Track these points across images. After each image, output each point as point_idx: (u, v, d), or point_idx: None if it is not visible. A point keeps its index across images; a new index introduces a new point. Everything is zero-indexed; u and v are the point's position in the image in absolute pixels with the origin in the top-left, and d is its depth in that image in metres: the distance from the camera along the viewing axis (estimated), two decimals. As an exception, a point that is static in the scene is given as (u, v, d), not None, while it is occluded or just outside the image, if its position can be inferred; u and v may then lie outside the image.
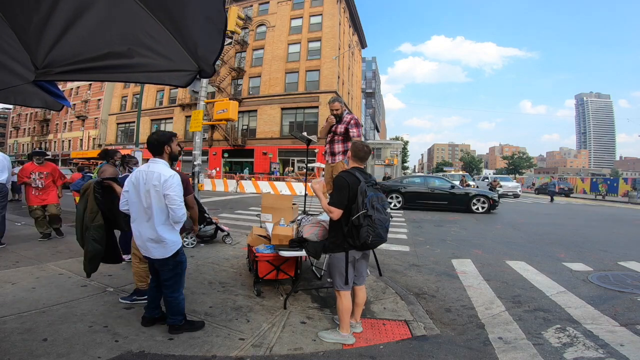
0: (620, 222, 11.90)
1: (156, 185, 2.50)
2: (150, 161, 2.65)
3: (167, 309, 2.77)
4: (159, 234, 2.54)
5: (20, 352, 2.36)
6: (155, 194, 2.51)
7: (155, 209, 2.53)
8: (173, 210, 2.50)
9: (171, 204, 2.48)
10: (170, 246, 2.60)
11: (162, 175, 2.50)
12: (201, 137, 10.24)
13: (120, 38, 1.58)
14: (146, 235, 2.58)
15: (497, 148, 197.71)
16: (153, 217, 2.54)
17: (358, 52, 43.44)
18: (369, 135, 62.90)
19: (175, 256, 2.65)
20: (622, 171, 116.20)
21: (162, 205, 2.52)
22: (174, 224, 2.58)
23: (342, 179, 2.69)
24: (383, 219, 2.61)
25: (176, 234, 2.66)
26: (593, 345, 2.84)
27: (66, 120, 48.63)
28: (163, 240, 2.56)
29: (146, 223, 2.57)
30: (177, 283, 2.72)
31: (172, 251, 2.61)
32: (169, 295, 2.71)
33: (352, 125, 4.08)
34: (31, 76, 1.79)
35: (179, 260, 2.69)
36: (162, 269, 2.67)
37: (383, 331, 3.05)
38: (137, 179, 2.60)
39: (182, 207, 2.52)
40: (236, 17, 10.54)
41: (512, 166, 74.98)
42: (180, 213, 2.51)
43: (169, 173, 2.54)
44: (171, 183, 2.49)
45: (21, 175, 6.05)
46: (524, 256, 6.06)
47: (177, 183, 2.53)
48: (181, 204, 2.52)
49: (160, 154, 2.66)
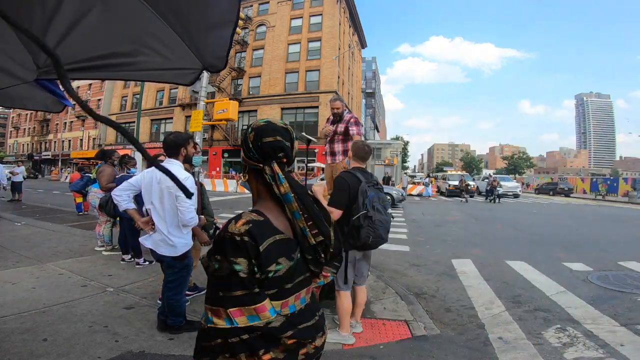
0: (620, 222, 11.90)
1: (170, 186, 2.50)
2: (166, 162, 2.64)
3: (169, 310, 2.77)
4: (169, 234, 2.56)
5: (20, 352, 2.36)
6: (169, 196, 2.53)
7: (167, 210, 2.55)
8: (182, 213, 2.51)
9: (181, 206, 2.50)
10: (179, 247, 2.61)
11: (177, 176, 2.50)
12: (201, 137, 10.23)
13: (124, 37, 1.58)
14: (156, 234, 2.59)
15: (497, 148, 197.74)
16: (165, 218, 2.56)
17: (358, 52, 43.45)
18: (369, 135, 62.89)
19: (183, 258, 2.65)
20: (622, 171, 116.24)
21: (175, 207, 2.54)
22: (182, 226, 2.59)
23: (343, 179, 2.68)
24: (384, 220, 2.60)
25: (185, 237, 2.66)
26: (593, 345, 2.84)
27: (66, 120, 48.62)
28: (171, 240, 2.57)
29: (158, 222, 2.59)
30: (180, 285, 2.72)
31: (180, 252, 2.62)
32: (171, 297, 2.71)
33: (352, 124, 4.06)
34: (32, 76, 1.79)
35: (186, 264, 2.70)
36: (168, 270, 2.68)
37: (383, 331, 3.05)
38: (151, 179, 2.62)
39: (191, 211, 2.54)
40: (236, 17, 10.54)
41: (512, 166, 75.02)
42: (188, 216, 2.52)
43: (184, 175, 2.55)
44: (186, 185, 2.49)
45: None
46: (524, 256, 6.06)
47: (191, 186, 2.54)
48: (190, 207, 2.54)
49: (175, 155, 2.66)
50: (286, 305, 0.99)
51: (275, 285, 0.95)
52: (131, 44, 1.61)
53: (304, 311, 1.04)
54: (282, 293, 0.97)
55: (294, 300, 1.01)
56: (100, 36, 1.56)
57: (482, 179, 29.15)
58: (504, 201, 21.25)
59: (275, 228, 0.97)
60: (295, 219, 0.99)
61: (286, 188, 0.98)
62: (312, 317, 1.05)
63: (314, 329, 1.04)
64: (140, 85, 24.39)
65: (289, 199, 0.98)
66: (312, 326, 1.04)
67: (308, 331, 1.01)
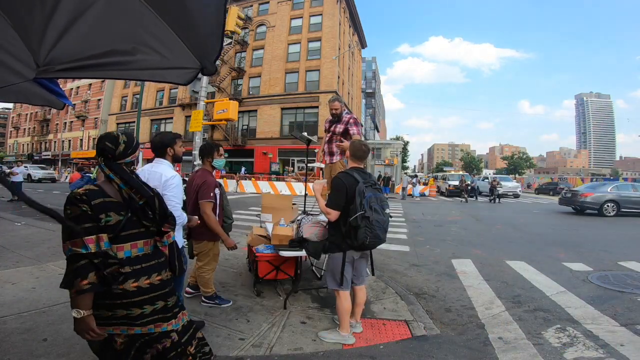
0: (620, 222, 11.89)
1: (157, 185, 2.50)
2: (154, 161, 2.65)
3: None
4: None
5: (20, 352, 2.37)
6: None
7: None
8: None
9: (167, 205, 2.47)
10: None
11: (164, 176, 2.51)
12: (201, 137, 10.22)
13: (122, 36, 1.58)
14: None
15: (497, 148, 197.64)
16: None
17: (358, 52, 43.44)
18: (369, 135, 62.89)
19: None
20: (622, 171, 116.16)
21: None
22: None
23: (339, 180, 2.67)
24: (381, 220, 2.58)
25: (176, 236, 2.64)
26: (593, 345, 2.84)
27: (66, 120, 48.61)
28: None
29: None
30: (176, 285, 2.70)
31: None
32: None
33: (352, 125, 4.04)
34: (32, 74, 1.79)
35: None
36: None
37: (383, 331, 3.05)
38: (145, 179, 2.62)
39: (177, 210, 2.49)
40: (236, 17, 10.54)
41: (512, 166, 75.00)
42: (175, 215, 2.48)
43: (171, 174, 2.54)
44: (171, 183, 2.49)
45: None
46: (524, 256, 6.06)
47: (176, 184, 2.52)
48: (177, 206, 2.49)
49: (163, 155, 2.66)
50: (121, 250, 1.53)
51: (110, 231, 1.49)
52: (129, 42, 1.61)
53: (140, 257, 1.59)
54: (117, 239, 1.51)
55: (130, 247, 1.56)
56: (98, 34, 1.56)
57: (482, 179, 29.14)
58: (504, 201, 21.25)
59: (106, 194, 1.53)
60: (121, 188, 1.55)
61: (107, 172, 1.56)
62: (148, 262, 1.61)
63: (150, 269, 1.61)
64: (140, 85, 24.39)
65: (112, 178, 1.56)
66: (149, 267, 1.61)
67: (143, 271, 1.58)
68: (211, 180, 3.24)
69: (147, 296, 1.59)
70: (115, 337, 1.57)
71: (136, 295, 1.55)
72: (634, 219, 12.82)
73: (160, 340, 1.66)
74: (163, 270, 1.69)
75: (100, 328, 1.49)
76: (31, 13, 1.39)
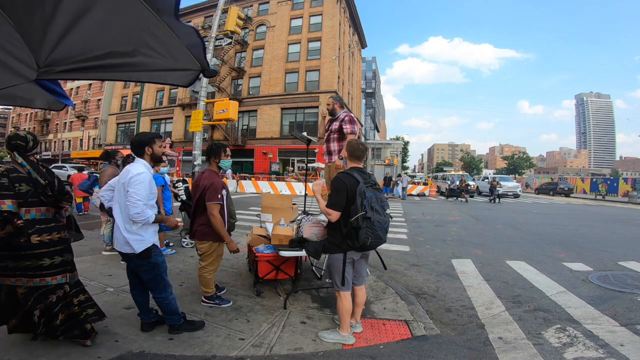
0: (620, 222, 11.90)
1: (124, 182, 2.52)
2: (135, 161, 2.67)
3: (160, 310, 2.77)
4: (125, 230, 2.54)
5: (20, 352, 2.37)
6: (123, 191, 2.53)
7: (122, 205, 2.55)
8: (127, 207, 2.48)
9: (127, 200, 2.48)
10: (134, 244, 2.53)
11: (131, 173, 2.51)
12: (201, 137, 10.23)
13: (123, 37, 1.58)
14: (117, 231, 2.59)
15: (497, 148, 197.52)
16: (122, 213, 2.55)
17: (358, 52, 43.43)
18: (369, 135, 62.87)
19: (146, 257, 2.57)
20: (622, 171, 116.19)
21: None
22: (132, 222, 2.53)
23: (340, 180, 2.66)
24: (382, 221, 2.58)
25: (142, 234, 2.56)
26: (593, 345, 2.84)
27: (66, 120, 48.61)
28: (126, 237, 2.53)
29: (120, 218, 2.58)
30: (160, 284, 2.66)
31: (137, 249, 2.53)
32: (155, 296, 2.70)
33: (346, 122, 3.99)
34: (33, 75, 1.79)
35: (154, 262, 2.61)
36: (138, 269, 2.64)
37: (383, 331, 3.05)
38: (119, 177, 2.67)
39: (137, 206, 2.44)
40: (236, 17, 10.54)
41: (512, 166, 74.98)
42: (133, 211, 2.45)
43: (137, 171, 2.51)
44: (135, 180, 2.47)
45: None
46: (524, 256, 6.06)
47: (140, 181, 2.48)
48: (137, 203, 2.45)
49: (141, 154, 2.66)
50: (28, 212, 2.29)
51: (21, 198, 2.24)
52: (130, 44, 1.61)
53: (42, 220, 2.36)
54: (25, 204, 2.27)
55: (35, 211, 2.33)
56: (99, 36, 1.56)
57: (482, 179, 29.14)
58: (504, 201, 21.25)
59: (19, 171, 2.28)
60: (29, 173, 2.31)
61: (21, 161, 2.32)
62: (49, 223, 2.39)
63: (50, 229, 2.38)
64: (140, 85, 24.40)
65: (23, 165, 2.32)
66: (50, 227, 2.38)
67: (45, 230, 2.34)
68: (218, 181, 3.23)
69: (46, 250, 2.29)
70: (17, 288, 2.21)
71: (39, 248, 2.26)
72: (634, 219, 12.83)
73: (55, 291, 2.32)
74: (62, 230, 2.46)
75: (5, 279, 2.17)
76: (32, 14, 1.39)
